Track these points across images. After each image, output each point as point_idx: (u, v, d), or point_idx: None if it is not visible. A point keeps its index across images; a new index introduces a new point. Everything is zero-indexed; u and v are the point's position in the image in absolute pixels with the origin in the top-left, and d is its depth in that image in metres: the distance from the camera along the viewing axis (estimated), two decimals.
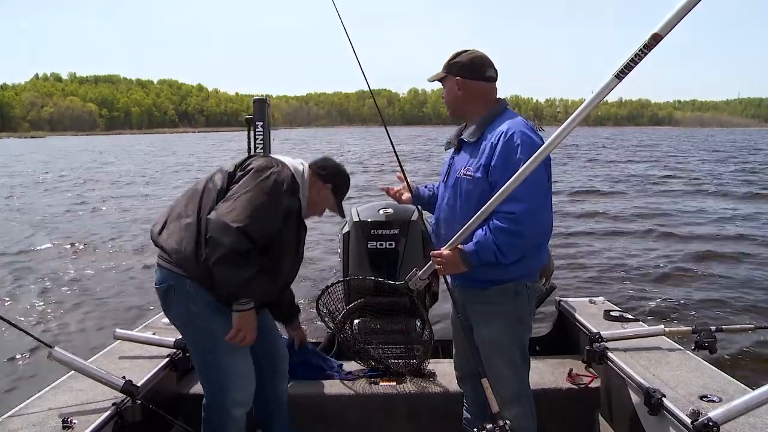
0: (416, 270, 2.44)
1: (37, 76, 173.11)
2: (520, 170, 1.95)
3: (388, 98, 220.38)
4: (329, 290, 3.16)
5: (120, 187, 20.52)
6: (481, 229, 2.16)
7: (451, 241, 2.22)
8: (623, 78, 1.70)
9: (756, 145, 54.42)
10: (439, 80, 2.40)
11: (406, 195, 2.66)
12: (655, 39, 1.60)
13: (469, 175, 2.25)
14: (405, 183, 2.62)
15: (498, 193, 2.03)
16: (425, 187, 2.68)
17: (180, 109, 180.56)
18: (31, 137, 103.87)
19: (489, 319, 2.33)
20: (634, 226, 11.88)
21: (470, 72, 2.31)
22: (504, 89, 2.82)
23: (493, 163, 2.17)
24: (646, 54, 1.62)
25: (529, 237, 2.17)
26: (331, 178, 2.47)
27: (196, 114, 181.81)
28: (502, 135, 2.18)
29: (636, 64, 1.65)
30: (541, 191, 2.17)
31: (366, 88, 2.55)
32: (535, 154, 1.92)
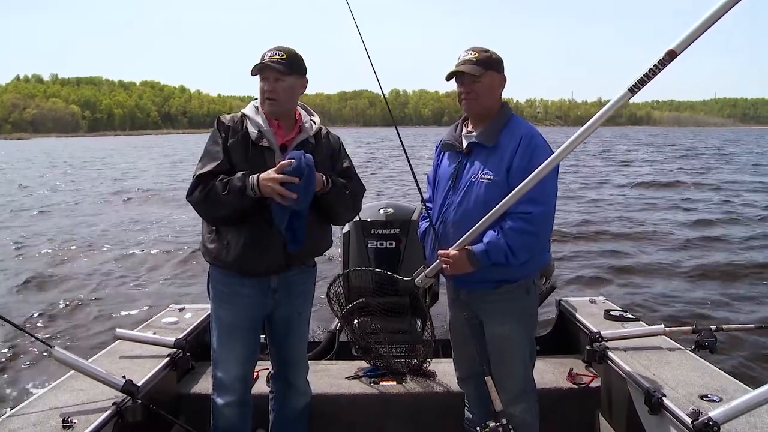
0: (424, 267, 2.44)
1: (18, 77, 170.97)
2: (531, 176, 1.99)
3: (369, 99, 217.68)
4: (339, 280, 3.15)
5: (118, 186, 20.38)
6: (492, 230, 2.17)
7: (459, 242, 2.22)
8: (636, 92, 1.73)
9: None
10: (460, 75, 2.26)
11: None
12: (670, 56, 1.62)
13: (488, 179, 2.22)
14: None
15: (509, 196, 2.05)
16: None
17: (163, 111, 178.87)
18: (18, 138, 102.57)
19: (504, 317, 2.34)
20: (634, 226, 11.93)
21: (503, 70, 2.35)
22: None
23: (515, 166, 2.18)
24: (660, 70, 1.66)
25: (542, 237, 2.22)
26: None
27: (179, 115, 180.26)
28: (523, 138, 2.20)
29: (650, 79, 1.68)
30: (555, 196, 2.22)
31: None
32: (545, 162, 1.97)
